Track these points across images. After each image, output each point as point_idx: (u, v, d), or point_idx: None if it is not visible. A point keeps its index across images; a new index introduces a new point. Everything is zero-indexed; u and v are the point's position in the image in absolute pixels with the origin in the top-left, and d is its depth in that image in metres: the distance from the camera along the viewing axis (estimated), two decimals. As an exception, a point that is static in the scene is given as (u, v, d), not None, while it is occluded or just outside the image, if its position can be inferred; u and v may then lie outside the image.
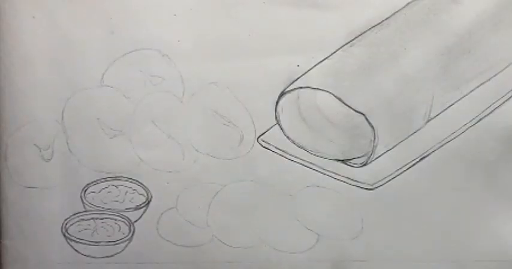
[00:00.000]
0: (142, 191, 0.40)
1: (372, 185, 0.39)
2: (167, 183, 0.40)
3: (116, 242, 0.40)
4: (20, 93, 0.40)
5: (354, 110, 0.38)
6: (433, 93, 0.39)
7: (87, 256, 0.40)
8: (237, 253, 0.40)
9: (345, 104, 0.38)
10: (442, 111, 0.39)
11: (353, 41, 0.39)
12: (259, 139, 0.39)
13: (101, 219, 0.40)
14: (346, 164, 0.39)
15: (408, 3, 0.39)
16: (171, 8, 0.39)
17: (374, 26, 0.39)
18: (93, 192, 0.40)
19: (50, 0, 0.39)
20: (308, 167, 0.39)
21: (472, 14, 0.39)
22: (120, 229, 0.40)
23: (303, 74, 0.39)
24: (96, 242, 0.40)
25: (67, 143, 0.40)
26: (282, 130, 0.39)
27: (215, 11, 0.39)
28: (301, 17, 0.39)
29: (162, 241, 0.40)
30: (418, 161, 0.39)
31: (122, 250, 0.40)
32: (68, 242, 0.40)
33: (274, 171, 0.39)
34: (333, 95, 0.38)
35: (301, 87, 0.39)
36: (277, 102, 0.39)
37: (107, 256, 0.40)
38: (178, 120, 0.40)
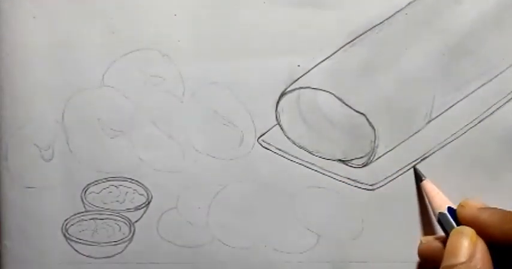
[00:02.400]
0: (143, 192, 0.40)
1: (372, 185, 0.39)
2: (167, 183, 0.40)
3: (116, 243, 0.40)
4: (20, 93, 0.40)
5: (354, 110, 0.38)
6: (434, 93, 0.38)
7: (87, 256, 0.40)
8: (237, 253, 0.40)
9: (346, 104, 0.38)
10: (443, 112, 0.39)
11: (354, 41, 0.39)
12: (260, 140, 0.39)
13: (101, 219, 0.40)
14: (346, 164, 0.39)
15: (409, 3, 0.38)
16: (172, 8, 0.39)
17: (375, 26, 0.38)
18: (94, 192, 0.40)
19: (51, 0, 0.39)
20: (308, 167, 0.39)
21: (473, 14, 0.38)
22: (120, 229, 0.40)
23: (303, 74, 0.39)
24: (97, 243, 0.40)
25: (67, 143, 0.40)
26: (283, 131, 0.39)
27: (215, 11, 0.39)
28: (302, 17, 0.39)
29: (162, 241, 0.40)
30: (418, 162, 0.39)
31: (122, 250, 0.40)
32: (68, 243, 0.40)
33: (274, 171, 0.39)
34: (334, 95, 0.38)
35: (301, 88, 0.39)
36: (277, 103, 0.39)
37: (107, 256, 0.40)
38: (179, 121, 0.40)
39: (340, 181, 0.39)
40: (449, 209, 0.35)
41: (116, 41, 0.39)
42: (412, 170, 0.39)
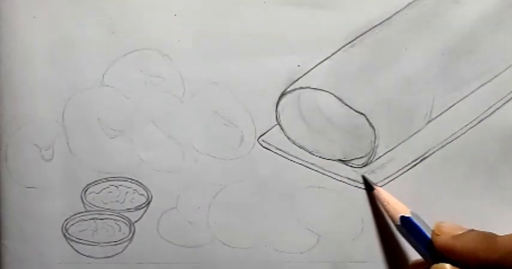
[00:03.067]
0: (143, 192, 0.40)
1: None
2: (167, 183, 0.40)
3: (116, 243, 0.40)
4: (20, 94, 0.39)
5: (354, 110, 0.38)
6: (433, 94, 0.39)
7: (87, 256, 0.40)
8: (237, 253, 0.40)
9: (346, 104, 0.38)
10: (442, 112, 0.39)
11: (354, 42, 0.39)
12: (260, 139, 0.39)
13: (101, 219, 0.40)
14: (346, 164, 0.39)
15: (409, 3, 0.39)
16: (172, 8, 0.39)
17: (375, 26, 0.39)
18: (94, 192, 0.40)
19: (51, 0, 0.39)
20: (308, 167, 0.39)
21: (473, 15, 0.39)
22: (120, 229, 0.40)
23: (303, 75, 0.39)
24: (97, 243, 0.40)
25: (67, 143, 0.40)
26: (283, 131, 0.39)
27: (216, 11, 0.39)
28: (302, 17, 0.39)
29: (163, 241, 0.40)
30: (418, 162, 0.39)
31: (122, 250, 0.40)
32: (68, 243, 0.40)
33: (274, 171, 0.39)
34: (334, 95, 0.38)
35: (301, 88, 0.39)
36: (277, 103, 0.39)
37: (107, 256, 0.40)
38: (179, 121, 0.40)
39: (340, 181, 0.39)
40: (402, 217, 0.36)
41: (116, 41, 0.39)
42: (411, 170, 0.39)
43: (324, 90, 0.38)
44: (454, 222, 0.34)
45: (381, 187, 0.38)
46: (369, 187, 0.39)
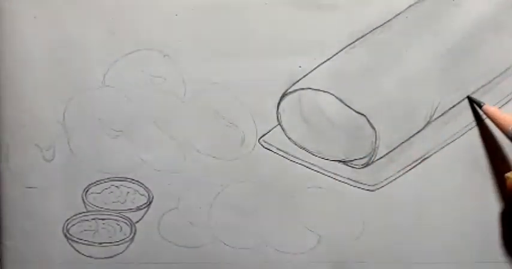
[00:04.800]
0: (144, 192, 0.40)
1: (373, 186, 0.39)
2: (168, 184, 0.40)
3: (117, 243, 0.40)
4: (21, 94, 0.39)
5: (355, 111, 0.38)
6: (434, 95, 0.39)
7: (88, 256, 0.40)
8: (238, 253, 0.40)
9: (347, 105, 0.38)
10: (443, 113, 0.39)
11: (355, 43, 0.39)
12: (261, 140, 0.40)
13: (102, 219, 0.40)
14: (347, 165, 0.39)
15: (410, 6, 0.39)
16: (173, 8, 0.39)
17: (376, 28, 0.39)
18: (95, 192, 0.40)
19: (52, 1, 0.39)
20: (309, 168, 0.39)
21: (472, 17, 0.39)
22: (121, 229, 0.40)
23: (304, 75, 0.39)
24: (98, 243, 0.40)
25: (68, 144, 0.40)
26: (284, 131, 0.39)
27: (217, 12, 0.39)
28: (303, 18, 0.39)
29: (164, 242, 0.40)
30: (419, 163, 0.39)
31: (123, 251, 0.40)
32: (69, 243, 0.40)
33: (275, 172, 0.40)
34: (335, 96, 0.38)
35: (302, 89, 0.39)
36: (278, 104, 0.39)
37: (108, 257, 0.40)
38: (180, 121, 0.40)
39: (341, 181, 0.39)
40: None
41: (117, 41, 0.39)
42: (411, 171, 0.39)
43: (324, 91, 0.38)
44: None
45: (383, 187, 0.39)
46: (477, 105, 0.38)
